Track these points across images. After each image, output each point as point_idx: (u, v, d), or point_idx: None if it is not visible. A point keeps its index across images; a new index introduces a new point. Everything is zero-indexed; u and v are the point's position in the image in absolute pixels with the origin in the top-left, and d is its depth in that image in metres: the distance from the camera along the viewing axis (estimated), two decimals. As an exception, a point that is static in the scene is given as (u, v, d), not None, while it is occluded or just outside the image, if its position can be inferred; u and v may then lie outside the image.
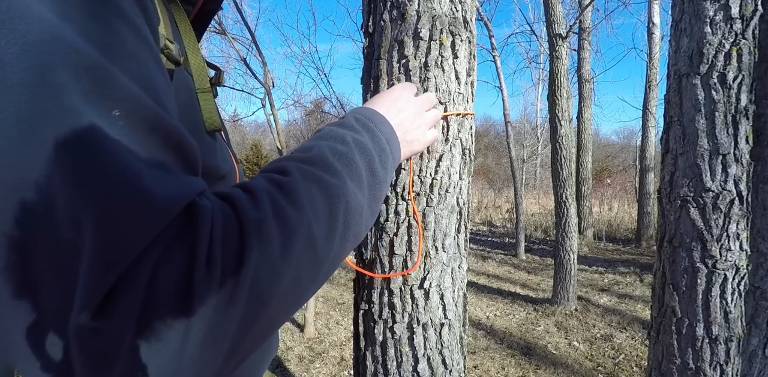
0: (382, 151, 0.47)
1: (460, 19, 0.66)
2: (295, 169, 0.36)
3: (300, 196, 0.33)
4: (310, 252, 0.33)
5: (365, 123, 0.48)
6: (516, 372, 3.08)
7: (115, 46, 0.27)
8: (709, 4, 1.19)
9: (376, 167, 0.44)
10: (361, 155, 0.43)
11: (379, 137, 0.47)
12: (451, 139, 0.66)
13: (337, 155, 0.40)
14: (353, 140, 0.44)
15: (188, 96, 0.41)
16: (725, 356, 1.21)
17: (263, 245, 0.29)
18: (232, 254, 0.27)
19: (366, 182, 0.42)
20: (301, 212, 0.32)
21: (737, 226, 1.20)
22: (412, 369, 0.66)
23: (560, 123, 4.37)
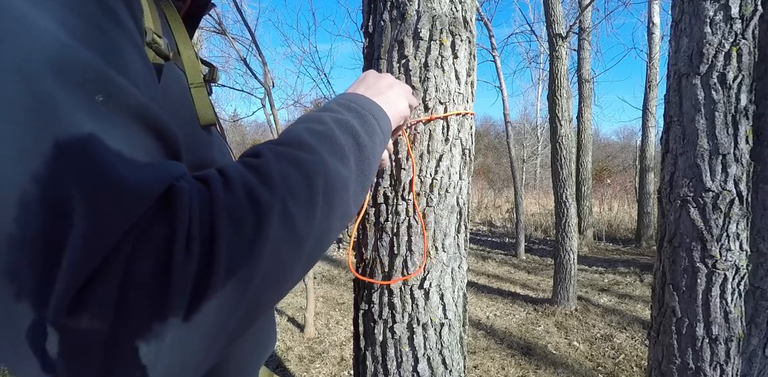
0: (368, 125, 0.46)
1: (460, 19, 0.66)
2: (267, 151, 0.35)
3: (272, 174, 0.33)
4: (288, 230, 0.32)
5: (345, 104, 0.47)
6: (516, 372, 3.08)
7: (91, 34, 0.27)
8: (709, 4, 1.19)
9: (363, 141, 0.43)
10: (343, 131, 0.42)
11: (362, 113, 0.47)
12: (451, 139, 0.66)
13: (314, 134, 0.39)
14: (332, 118, 0.43)
15: (181, 91, 0.41)
16: (725, 356, 1.21)
17: (235, 226, 0.29)
18: (206, 236, 0.27)
19: (352, 156, 0.41)
20: (273, 190, 0.32)
21: (737, 226, 1.20)
22: (412, 369, 0.66)
23: (560, 123, 4.37)
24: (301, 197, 0.34)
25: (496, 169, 19.38)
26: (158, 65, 0.38)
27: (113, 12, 0.29)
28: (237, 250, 0.28)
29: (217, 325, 0.28)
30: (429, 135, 0.65)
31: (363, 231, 0.69)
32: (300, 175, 0.34)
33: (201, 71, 0.44)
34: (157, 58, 0.38)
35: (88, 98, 0.25)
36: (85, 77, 0.25)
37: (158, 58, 0.38)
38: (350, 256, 0.68)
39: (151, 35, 0.37)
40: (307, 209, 0.34)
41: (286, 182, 0.33)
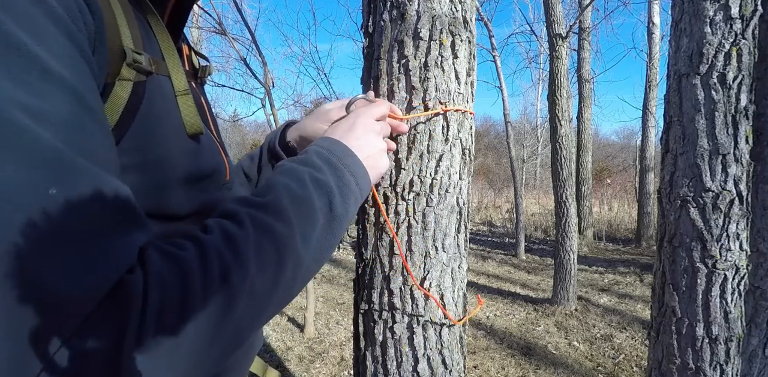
0: (346, 186, 0.47)
1: (460, 19, 0.66)
2: (248, 219, 0.38)
3: (248, 255, 0.36)
4: (252, 307, 0.36)
5: (327, 158, 0.48)
6: (516, 372, 3.08)
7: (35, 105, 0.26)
8: (709, 4, 1.19)
9: (335, 202, 0.45)
10: (319, 194, 0.44)
11: (342, 171, 0.48)
12: (451, 139, 0.66)
13: (293, 198, 0.42)
14: (311, 178, 0.45)
15: (165, 104, 0.41)
16: (725, 356, 1.21)
17: (204, 312, 0.31)
18: (170, 325, 0.29)
19: (320, 224, 0.43)
20: (246, 274, 0.35)
21: (737, 226, 1.20)
22: (412, 369, 0.66)
23: (560, 123, 4.37)
24: (270, 273, 0.37)
25: (496, 169, 19.38)
26: (140, 83, 0.38)
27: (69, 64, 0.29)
28: (203, 335, 0.31)
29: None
30: (429, 135, 0.65)
31: (363, 231, 0.69)
32: (274, 254, 0.38)
33: (185, 78, 0.44)
34: (138, 76, 0.38)
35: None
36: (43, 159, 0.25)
37: (140, 76, 0.38)
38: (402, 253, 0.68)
39: (131, 55, 0.36)
40: (273, 282, 0.37)
41: (260, 262, 0.36)
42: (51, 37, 0.28)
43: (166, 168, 0.40)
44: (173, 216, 0.42)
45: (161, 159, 0.40)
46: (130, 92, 0.36)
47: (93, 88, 0.31)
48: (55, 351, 0.25)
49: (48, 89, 0.27)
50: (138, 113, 0.37)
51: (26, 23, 0.27)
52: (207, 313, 0.31)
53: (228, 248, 0.35)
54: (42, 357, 0.24)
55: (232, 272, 0.34)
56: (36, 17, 0.27)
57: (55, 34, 0.28)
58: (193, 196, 0.44)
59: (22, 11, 0.27)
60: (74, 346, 0.25)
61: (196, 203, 0.44)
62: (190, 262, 0.32)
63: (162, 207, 0.40)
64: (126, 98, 0.36)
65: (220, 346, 0.33)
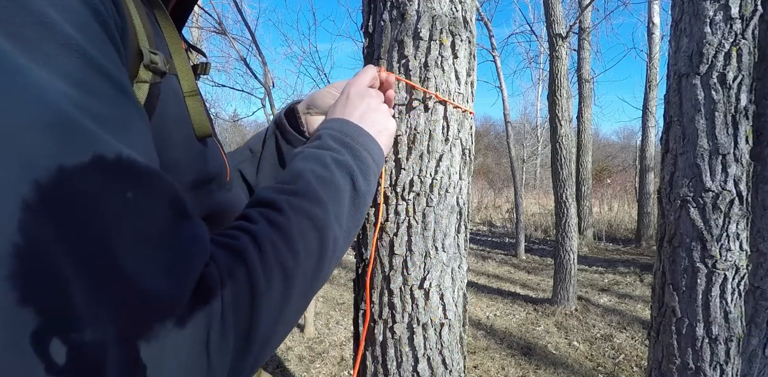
0: (364, 163, 0.49)
1: (460, 19, 0.66)
2: (287, 205, 0.40)
3: (296, 240, 0.38)
4: (305, 287, 0.38)
5: (342, 139, 0.50)
6: (516, 372, 3.08)
7: (104, 114, 0.26)
8: (709, 4, 1.19)
9: (358, 180, 0.47)
10: (343, 174, 0.46)
11: (358, 150, 0.50)
12: (451, 139, 0.66)
13: (321, 182, 0.43)
14: (333, 160, 0.46)
15: (177, 105, 0.40)
16: (725, 356, 1.21)
17: (269, 299, 0.33)
18: (244, 319, 0.31)
19: (348, 202, 0.45)
20: (297, 258, 0.37)
21: (737, 226, 1.20)
22: (412, 369, 0.66)
23: (560, 123, 4.37)
24: (315, 255, 0.39)
25: (496, 169, 19.38)
26: (155, 84, 0.37)
27: (116, 78, 0.28)
28: (269, 319, 0.34)
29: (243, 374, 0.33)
30: (429, 135, 0.65)
31: (363, 231, 0.69)
32: (316, 234, 0.40)
33: (194, 78, 0.43)
34: (154, 78, 0.36)
35: (121, 191, 0.25)
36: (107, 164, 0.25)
37: (155, 77, 0.37)
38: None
39: (148, 56, 0.35)
40: (318, 263, 0.40)
41: (306, 246, 0.38)
42: (98, 38, 0.27)
43: (179, 173, 0.40)
44: None
45: (174, 164, 0.39)
46: (147, 95, 0.35)
47: (131, 86, 0.31)
48: (154, 351, 0.25)
49: (108, 93, 0.26)
50: (154, 117, 0.36)
51: (80, 24, 0.26)
52: (271, 300, 0.34)
53: (277, 235, 0.36)
54: (144, 355, 0.25)
55: (286, 258, 0.36)
56: (86, 17, 0.27)
57: (101, 35, 0.28)
58: (199, 200, 0.43)
59: (74, 11, 0.26)
60: (168, 345, 0.26)
61: (203, 207, 0.44)
62: (250, 253, 0.33)
63: None
64: (143, 102, 0.35)
65: (283, 327, 0.36)
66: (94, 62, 0.26)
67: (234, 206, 0.50)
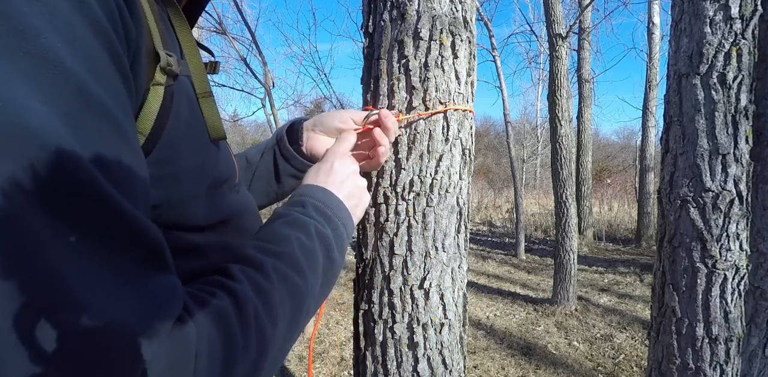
0: (339, 237, 0.50)
1: (460, 19, 0.66)
2: (272, 270, 0.39)
3: (277, 309, 0.37)
4: (277, 353, 0.38)
5: (323, 211, 0.50)
6: (516, 372, 3.08)
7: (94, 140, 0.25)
8: (709, 4, 1.19)
9: (334, 255, 0.48)
10: (322, 246, 0.47)
11: (336, 224, 0.51)
12: (451, 139, 0.66)
13: (304, 251, 0.44)
14: (316, 231, 0.47)
15: (191, 108, 0.39)
16: (725, 356, 1.21)
17: (243, 367, 0.33)
18: (215, 373, 0.30)
19: (321, 273, 0.46)
20: (275, 327, 0.37)
21: (737, 226, 1.20)
22: (412, 369, 0.66)
23: (560, 123, 4.37)
24: (290, 323, 0.39)
25: (496, 169, 19.37)
26: (169, 86, 0.35)
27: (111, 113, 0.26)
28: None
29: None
30: (429, 135, 0.65)
31: (363, 231, 0.69)
32: (294, 306, 0.40)
33: (207, 78, 0.42)
34: (169, 80, 0.35)
35: (65, 233, 0.23)
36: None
37: (170, 80, 0.35)
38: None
39: (165, 58, 0.34)
40: (291, 331, 0.40)
41: (284, 314, 0.38)
42: (90, 51, 0.26)
43: (196, 178, 0.39)
44: (197, 227, 0.40)
45: (191, 169, 0.38)
46: (162, 98, 0.34)
47: (128, 109, 0.29)
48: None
49: (83, 116, 0.24)
50: (169, 121, 0.35)
51: (67, 35, 0.24)
52: (245, 366, 0.33)
53: (260, 301, 0.36)
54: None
55: (266, 326, 0.35)
56: (78, 28, 0.25)
57: (94, 48, 0.26)
58: (214, 204, 0.43)
59: (64, 21, 0.24)
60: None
61: (217, 211, 0.43)
62: (230, 317, 0.33)
63: (188, 219, 0.39)
64: (159, 105, 0.34)
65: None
66: (76, 83, 0.24)
67: (246, 208, 0.50)
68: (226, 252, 0.42)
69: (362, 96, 0.72)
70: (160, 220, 0.35)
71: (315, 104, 11.20)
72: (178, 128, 0.36)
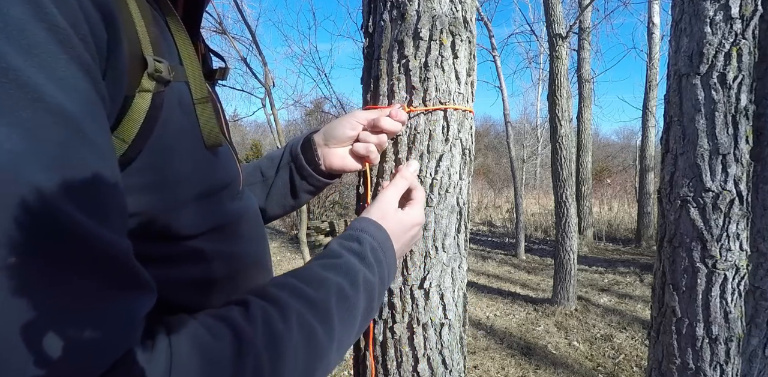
0: (383, 286, 0.49)
1: (460, 19, 0.66)
2: (295, 317, 0.37)
3: (285, 359, 0.34)
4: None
5: (378, 256, 0.49)
6: (516, 372, 3.08)
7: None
8: (709, 4, 1.19)
9: (374, 306, 0.46)
10: (365, 297, 0.44)
11: (384, 272, 0.49)
12: (451, 139, 0.66)
13: (342, 302, 0.41)
14: (364, 280, 0.45)
15: (184, 114, 0.38)
16: (725, 356, 1.21)
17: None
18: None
19: (357, 326, 0.43)
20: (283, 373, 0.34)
21: (737, 226, 1.20)
22: (412, 369, 0.66)
23: (560, 123, 4.37)
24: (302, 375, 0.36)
25: (496, 169, 19.37)
26: (159, 93, 0.35)
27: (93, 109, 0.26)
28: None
29: None
30: (429, 135, 0.65)
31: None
32: (308, 361, 0.36)
33: (205, 84, 0.41)
34: (158, 87, 0.34)
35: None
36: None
37: (159, 86, 0.35)
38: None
39: (153, 64, 0.33)
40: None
41: (293, 367, 0.35)
42: (50, 57, 0.24)
43: (184, 186, 0.38)
44: (189, 236, 0.39)
45: (178, 177, 0.37)
46: (149, 105, 0.33)
47: (97, 116, 0.27)
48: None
49: (41, 124, 0.23)
50: (156, 128, 0.34)
51: (21, 42, 0.23)
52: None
53: (267, 349, 0.33)
54: None
55: (266, 373, 0.33)
56: (34, 35, 0.24)
57: (55, 54, 0.25)
58: (209, 211, 0.41)
59: (18, 27, 0.23)
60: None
61: (212, 218, 0.42)
62: (224, 363, 0.30)
63: (174, 228, 0.37)
64: (145, 112, 0.33)
65: None
66: (32, 91, 0.23)
67: (245, 214, 0.48)
68: (221, 259, 0.41)
69: (362, 96, 0.72)
70: (148, 227, 0.34)
71: (315, 104, 11.19)
72: (166, 135, 0.35)
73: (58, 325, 0.23)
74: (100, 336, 0.25)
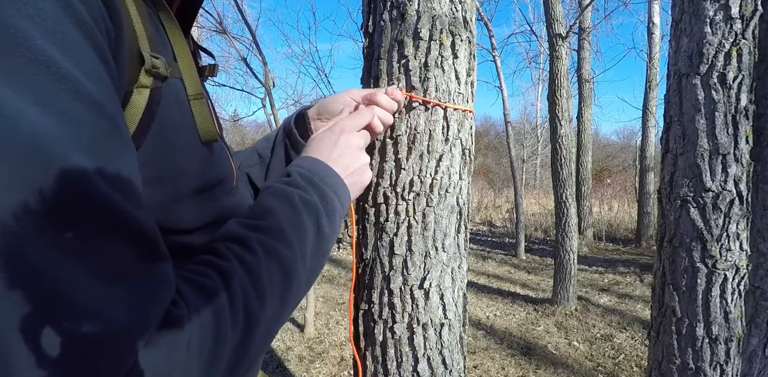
0: (329, 204, 0.49)
1: (460, 19, 0.66)
2: (257, 245, 0.40)
3: (264, 283, 0.38)
4: (266, 328, 0.38)
5: (310, 178, 0.49)
6: (516, 372, 3.08)
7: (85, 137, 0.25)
8: (709, 4, 1.19)
9: (323, 222, 0.47)
10: (308, 213, 0.46)
11: (324, 191, 0.49)
12: (451, 139, 0.66)
13: (289, 222, 0.44)
14: (300, 200, 0.46)
15: (180, 110, 0.39)
16: (725, 356, 1.21)
17: (232, 342, 0.34)
18: (207, 360, 0.31)
19: (312, 243, 0.45)
20: (263, 301, 0.37)
21: (737, 226, 1.20)
22: (412, 369, 0.66)
23: (560, 123, 4.37)
24: (280, 297, 0.40)
25: (496, 169, 19.37)
26: (157, 89, 0.35)
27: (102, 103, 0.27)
28: (230, 358, 0.34)
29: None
30: (429, 135, 0.65)
31: (363, 231, 0.69)
32: (283, 278, 0.40)
33: (199, 81, 0.42)
34: (156, 82, 0.35)
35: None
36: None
37: (157, 82, 0.35)
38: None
39: (150, 60, 0.34)
40: (282, 305, 0.40)
41: (273, 288, 0.39)
42: (81, 51, 0.26)
43: (182, 180, 0.39)
44: (183, 230, 0.41)
45: (177, 171, 0.38)
46: (147, 101, 0.34)
47: (119, 106, 0.29)
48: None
49: (79, 113, 0.25)
50: (154, 123, 0.35)
51: (57, 37, 0.24)
52: (235, 343, 0.34)
53: (247, 277, 0.37)
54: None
55: (252, 301, 0.36)
56: (66, 29, 0.25)
57: (85, 48, 0.26)
58: (203, 207, 0.43)
59: (53, 23, 0.24)
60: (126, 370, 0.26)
61: (206, 214, 0.43)
62: (219, 295, 0.34)
63: (172, 222, 0.39)
64: (143, 108, 0.34)
65: (241, 367, 0.36)
66: (70, 83, 0.24)
67: (239, 210, 0.49)
68: None
69: (362, 96, 0.72)
70: None
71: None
72: (163, 130, 0.36)
73: (118, 286, 0.25)
74: (155, 293, 0.28)
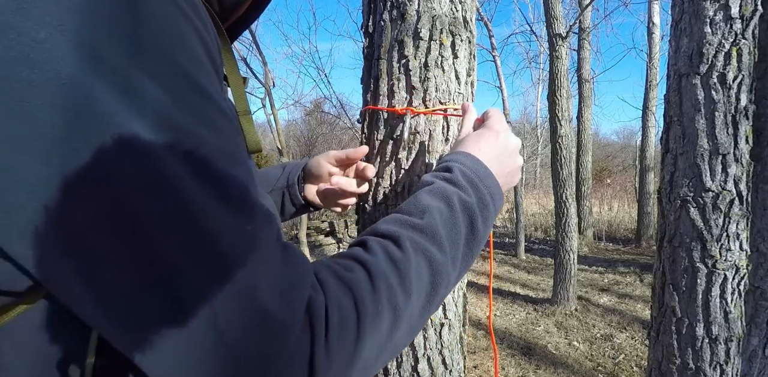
0: (485, 207, 0.49)
1: (460, 19, 0.66)
2: (409, 243, 0.40)
3: (411, 281, 0.38)
4: (409, 327, 0.38)
5: (470, 178, 0.49)
6: (516, 372, 3.08)
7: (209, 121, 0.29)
8: (709, 4, 1.19)
9: (477, 225, 0.47)
10: (464, 215, 0.46)
11: (482, 192, 0.49)
12: (451, 139, 0.66)
13: (445, 223, 0.44)
14: (459, 201, 0.46)
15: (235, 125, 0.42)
16: (725, 356, 1.21)
17: (372, 338, 0.34)
18: (348, 345, 0.32)
19: (463, 245, 0.45)
20: (409, 300, 0.38)
21: (737, 226, 1.20)
22: (411, 369, 0.66)
23: (560, 123, 4.37)
24: (426, 297, 0.40)
25: (496, 169, 19.33)
26: None
27: (219, 100, 0.31)
28: (372, 350, 0.34)
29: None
30: (429, 135, 0.65)
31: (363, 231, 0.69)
32: (431, 279, 0.40)
33: (246, 99, 0.44)
34: None
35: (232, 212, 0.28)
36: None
37: None
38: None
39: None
40: (427, 306, 0.40)
41: (419, 287, 0.39)
42: (204, 66, 0.30)
43: None
44: None
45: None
46: None
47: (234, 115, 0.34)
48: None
49: (217, 118, 0.30)
50: None
51: (190, 53, 0.29)
52: (375, 337, 0.34)
53: (393, 273, 0.37)
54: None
55: (397, 297, 0.36)
56: (193, 47, 0.29)
57: (206, 65, 0.31)
58: None
59: (184, 42, 0.29)
60: (282, 372, 0.28)
61: None
62: (362, 287, 0.34)
63: None
64: None
65: (380, 363, 0.37)
66: (215, 103, 0.30)
67: None
68: None
69: (362, 96, 0.72)
70: None
71: (315, 104, 11.19)
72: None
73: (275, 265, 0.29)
74: (301, 281, 0.31)
